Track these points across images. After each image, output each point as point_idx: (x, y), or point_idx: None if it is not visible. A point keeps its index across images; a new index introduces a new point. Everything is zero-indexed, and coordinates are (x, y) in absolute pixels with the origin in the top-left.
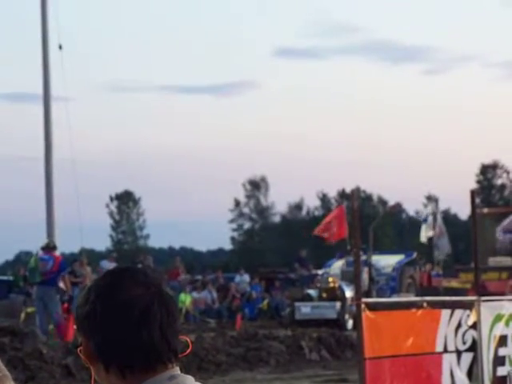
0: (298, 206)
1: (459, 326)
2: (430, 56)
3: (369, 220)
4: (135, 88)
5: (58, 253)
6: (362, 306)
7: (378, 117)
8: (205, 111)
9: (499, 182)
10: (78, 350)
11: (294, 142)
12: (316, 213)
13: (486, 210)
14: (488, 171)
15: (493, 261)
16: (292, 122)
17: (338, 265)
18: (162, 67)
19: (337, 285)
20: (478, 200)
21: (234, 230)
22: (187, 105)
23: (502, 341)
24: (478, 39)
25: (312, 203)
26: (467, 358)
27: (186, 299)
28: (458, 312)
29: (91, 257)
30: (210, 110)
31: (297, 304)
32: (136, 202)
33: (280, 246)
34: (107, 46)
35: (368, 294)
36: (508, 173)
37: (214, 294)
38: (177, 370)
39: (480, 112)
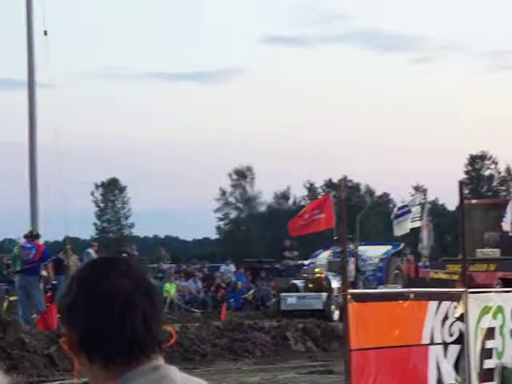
0: (284, 196)
1: (446, 317)
2: (418, 45)
3: (356, 210)
4: (121, 75)
5: (41, 241)
6: (349, 296)
7: (365, 106)
8: (192, 98)
9: (487, 172)
10: (61, 340)
11: (280, 130)
12: (303, 202)
13: (474, 201)
14: (476, 162)
15: (481, 252)
16: (278, 110)
17: (324, 255)
18: (148, 54)
19: (323, 275)
20: (466, 191)
21: (220, 219)
22: (174, 92)
23: (490, 333)
24: (466, 28)
25: (299, 192)
26: (454, 350)
27: (171, 289)
28: (445, 304)
29: (76, 245)
30: (196, 97)
31: (283, 294)
32: (122, 189)
33: (266, 235)
34: (92, 33)
35: (354, 285)
36: (496, 164)
37: (199, 284)
38: (160, 361)
39: (468, 102)
